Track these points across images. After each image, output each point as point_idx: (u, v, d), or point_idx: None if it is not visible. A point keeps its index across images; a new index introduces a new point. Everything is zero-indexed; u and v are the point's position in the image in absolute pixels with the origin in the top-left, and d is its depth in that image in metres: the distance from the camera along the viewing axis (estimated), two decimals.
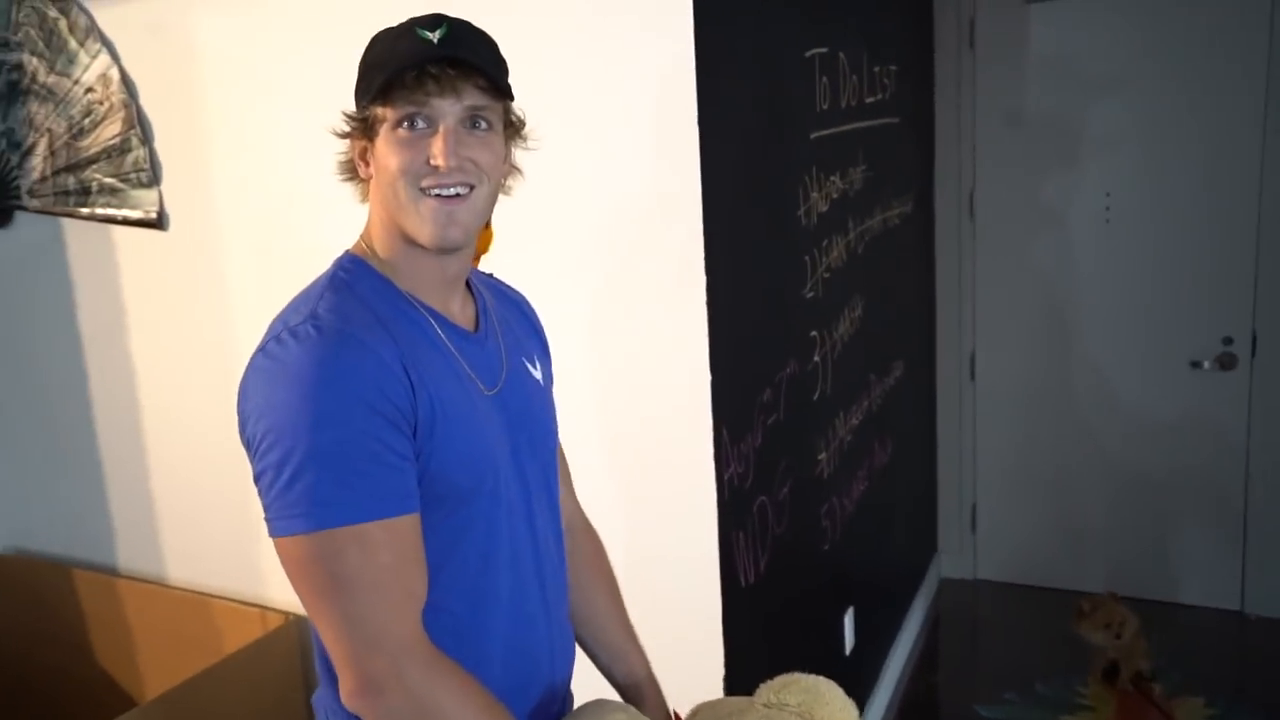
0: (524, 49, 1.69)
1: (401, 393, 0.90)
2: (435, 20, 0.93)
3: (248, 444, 0.90)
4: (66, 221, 2.25)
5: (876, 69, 2.69)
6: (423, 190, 0.92)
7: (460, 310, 1.05)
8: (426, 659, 0.89)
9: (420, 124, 0.92)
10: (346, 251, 1.02)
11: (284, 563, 0.89)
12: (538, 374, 1.15)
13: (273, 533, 0.88)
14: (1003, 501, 3.57)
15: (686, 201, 1.61)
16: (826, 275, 2.28)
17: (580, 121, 1.67)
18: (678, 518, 1.71)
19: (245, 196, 2.01)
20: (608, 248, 1.72)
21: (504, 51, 0.99)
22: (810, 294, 2.18)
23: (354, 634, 0.87)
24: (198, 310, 2.13)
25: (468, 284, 1.09)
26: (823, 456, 2.29)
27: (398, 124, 0.92)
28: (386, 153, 0.93)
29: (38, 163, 2.25)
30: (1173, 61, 3.09)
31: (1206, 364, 3.19)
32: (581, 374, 1.73)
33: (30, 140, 2.25)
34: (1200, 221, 3.13)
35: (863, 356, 2.61)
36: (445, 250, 0.95)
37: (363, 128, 0.96)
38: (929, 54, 3.36)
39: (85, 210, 2.21)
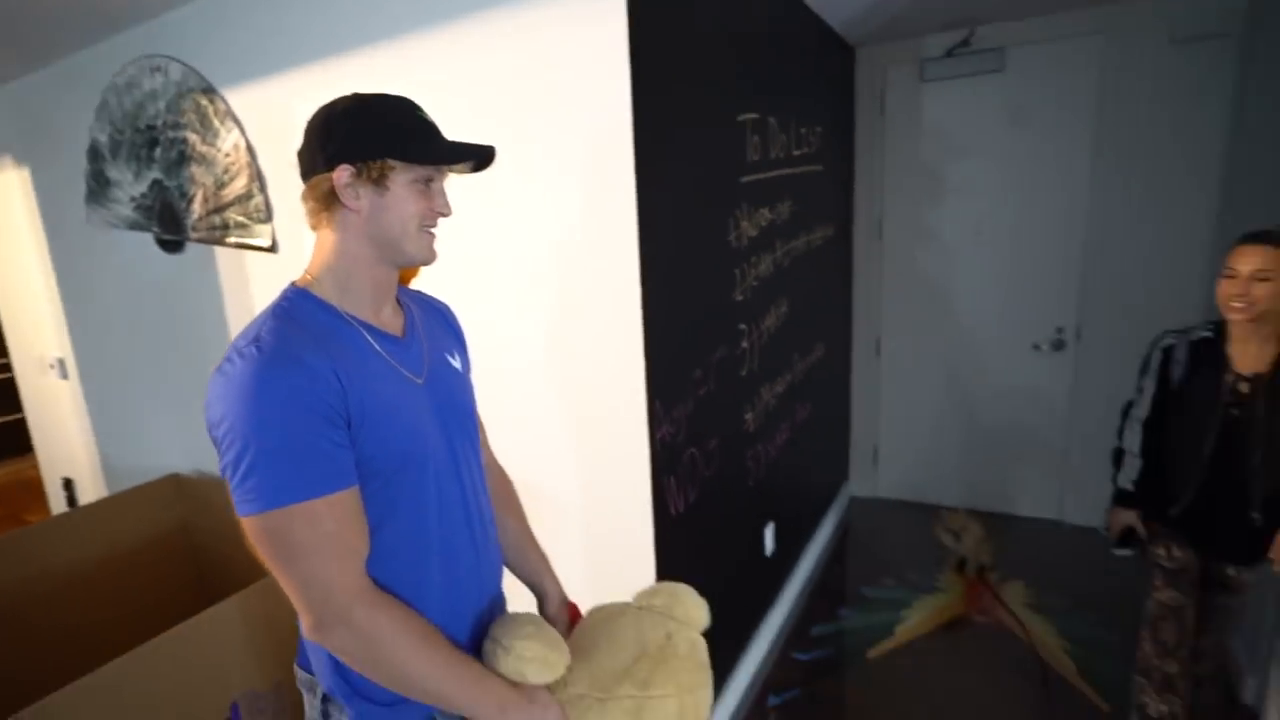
0: (503, 121, 1.55)
1: (334, 394, 0.81)
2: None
3: (215, 443, 0.81)
4: (216, 248, 2.19)
5: (804, 130, 2.48)
6: (424, 228, 0.90)
7: (391, 319, 0.96)
8: (370, 601, 0.83)
9: (433, 183, 0.91)
10: (291, 284, 0.91)
11: (249, 536, 0.81)
12: (456, 364, 1.05)
13: (238, 514, 0.80)
14: (897, 442, 3.39)
15: (624, 231, 1.48)
16: (755, 283, 2.12)
17: (539, 172, 1.53)
18: (620, 466, 1.60)
19: None
20: (565, 266, 1.59)
21: (486, 125, 0.88)
22: (740, 297, 2.02)
23: (308, 589, 0.81)
24: None
25: (398, 300, 0.99)
26: (749, 416, 2.14)
27: (422, 181, 0.89)
28: (406, 198, 0.88)
29: (197, 207, 2.19)
30: (1022, 124, 2.84)
31: (1044, 346, 2.97)
32: (546, 361, 1.60)
33: (192, 192, 2.19)
34: (1040, 241, 2.90)
35: (787, 342, 2.44)
36: (425, 265, 0.92)
37: (375, 172, 0.87)
38: (850, 118, 3.11)
39: (228, 240, 2.13)
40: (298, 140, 0.91)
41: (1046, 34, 2.73)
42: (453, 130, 1.00)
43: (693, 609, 1.07)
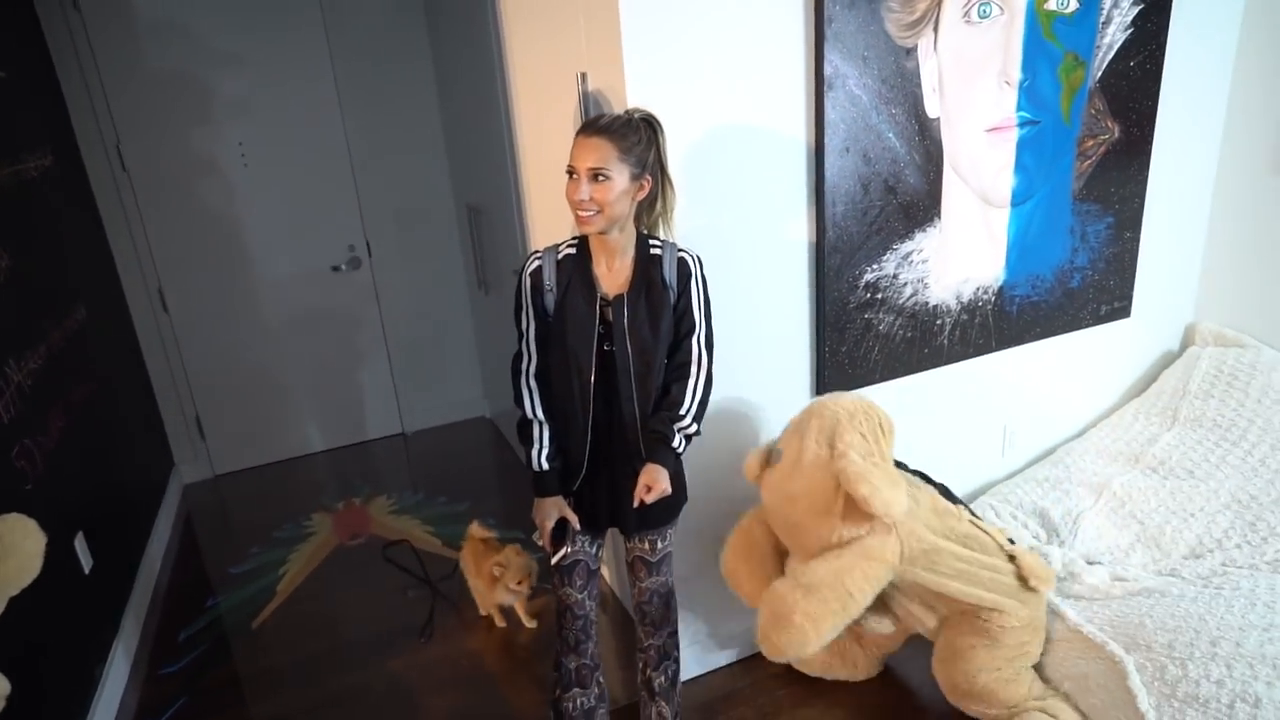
0: None
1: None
2: None
3: None
4: None
5: None
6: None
7: None
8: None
9: None
10: None
11: None
12: None
13: None
14: (220, 406, 3.49)
15: None
16: None
17: None
18: None
19: None
20: None
21: None
22: None
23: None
24: None
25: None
26: None
27: None
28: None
29: None
30: (273, 36, 3.18)
31: (343, 266, 3.53)
32: None
33: None
34: (320, 163, 3.37)
35: (25, 304, 2.21)
36: None
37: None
38: (28, 5, 2.83)
39: None
40: None
41: None
42: None
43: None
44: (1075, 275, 2.29)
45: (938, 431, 2.30)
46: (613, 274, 1.56)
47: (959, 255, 2.08)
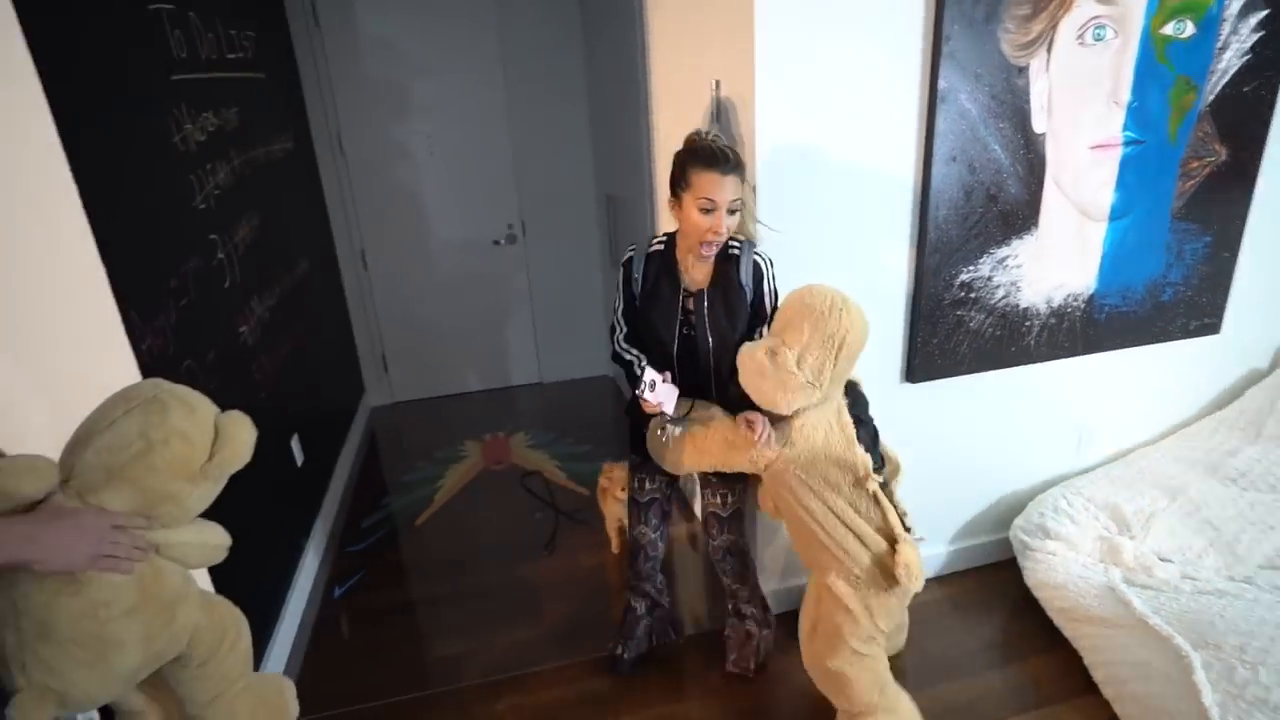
0: None
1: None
2: None
3: None
4: None
5: (233, 31, 2.43)
6: None
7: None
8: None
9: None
10: None
11: None
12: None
13: None
14: (401, 348, 3.76)
15: (41, 134, 1.34)
16: (217, 193, 2.09)
17: None
18: (102, 385, 1.50)
19: None
20: None
21: None
22: (203, 206, 1.99)
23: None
24: None
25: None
26: (244, 329, 2.17)
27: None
28: None
29: None
30: (448, 45, 3.35)
31: (501, 241, 3.70)
32: None
33: None
34: (489, 155, 3.53)
35: (268, 255, 2.48)
36: None
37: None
38: (284, 27, 3.13)
39: None
40: None
41: None
42: None
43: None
44: (1167, 290, 2.10)
45: (1015, 424, 2.19)
46: (695, 270, 1.61)
47: (1053, 263, 1.96)
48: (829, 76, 1.67)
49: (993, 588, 2.24)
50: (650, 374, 1.54)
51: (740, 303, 1.58)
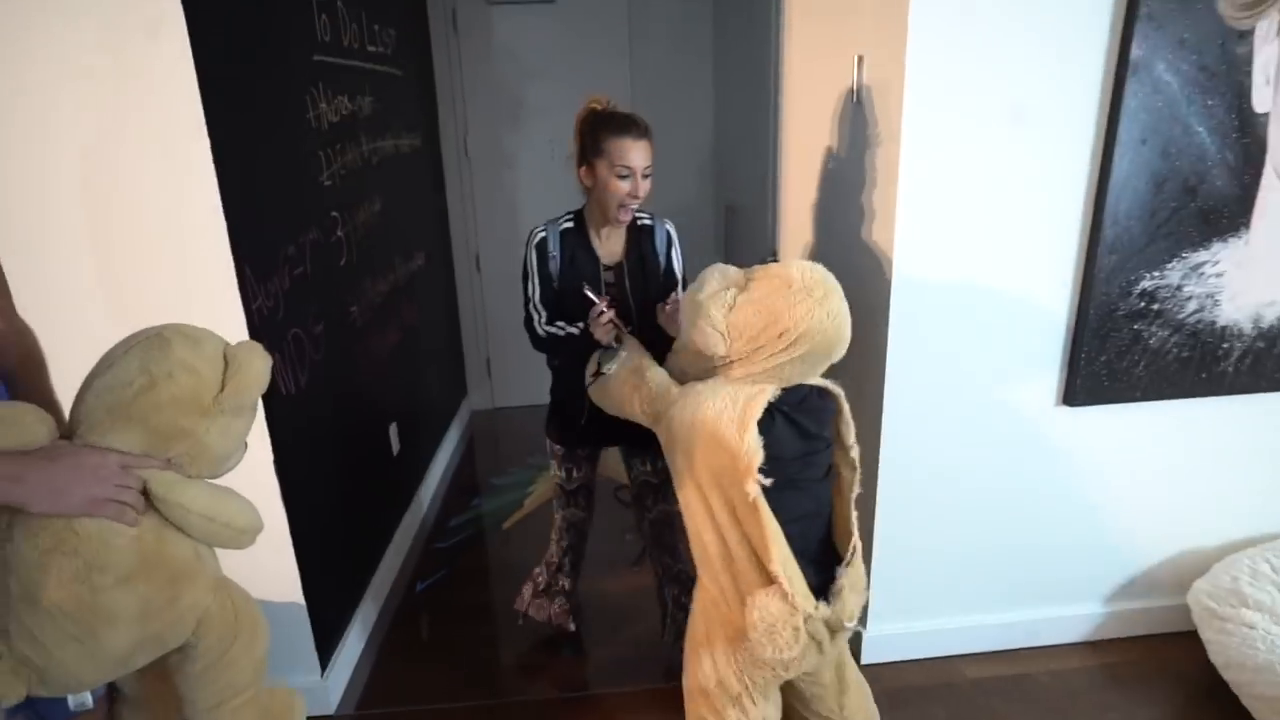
0: None
1: None
2: None
3: None
4: None
5: (376, 26, 2.53)
6: None
7: None
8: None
9: None
10: None
11: None
12: None
13: None
14: (507, 353, 3.75)
15: (186, 96, 1.37)
16: (343, 172, 2.13)
17: None
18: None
19: None
20: None
21: None
22: (328, 182, 2.03)
23: None
24: None
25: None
26: (354, 309, 2.18)
27: None
28: None
29: None
30: (574, 53, 3.37)
31: None
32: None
33: None
34: None
35: (386, 242, 2.52)
36: None
37: None
38: (425, 31, 3.26)
39: None
40: None
41: None
42: None
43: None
44: None
45: (1202, 466, 1.82)
46: (607, 244, 1.66)
47: (1266, 274, 1.62)
48: (991, 41, 1.46)
49: (1164, 662, 1.86)
50: (599, 301, 1.53)
51: (656, 270, 1.66)
